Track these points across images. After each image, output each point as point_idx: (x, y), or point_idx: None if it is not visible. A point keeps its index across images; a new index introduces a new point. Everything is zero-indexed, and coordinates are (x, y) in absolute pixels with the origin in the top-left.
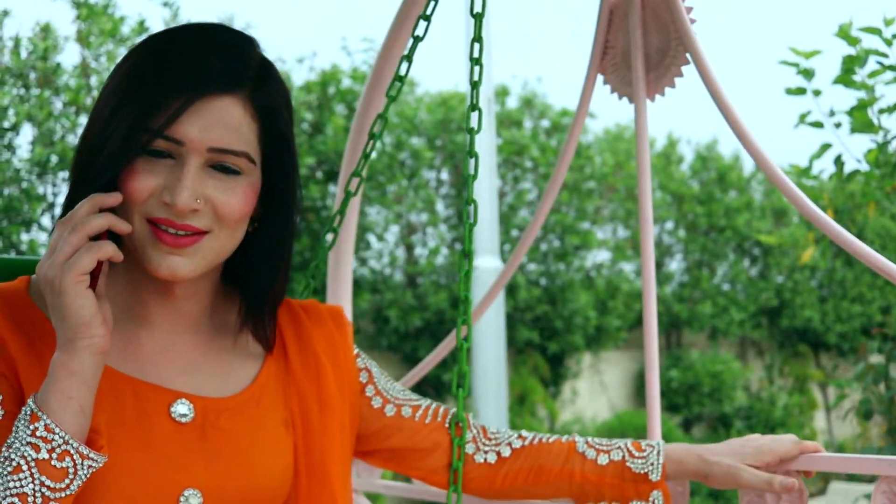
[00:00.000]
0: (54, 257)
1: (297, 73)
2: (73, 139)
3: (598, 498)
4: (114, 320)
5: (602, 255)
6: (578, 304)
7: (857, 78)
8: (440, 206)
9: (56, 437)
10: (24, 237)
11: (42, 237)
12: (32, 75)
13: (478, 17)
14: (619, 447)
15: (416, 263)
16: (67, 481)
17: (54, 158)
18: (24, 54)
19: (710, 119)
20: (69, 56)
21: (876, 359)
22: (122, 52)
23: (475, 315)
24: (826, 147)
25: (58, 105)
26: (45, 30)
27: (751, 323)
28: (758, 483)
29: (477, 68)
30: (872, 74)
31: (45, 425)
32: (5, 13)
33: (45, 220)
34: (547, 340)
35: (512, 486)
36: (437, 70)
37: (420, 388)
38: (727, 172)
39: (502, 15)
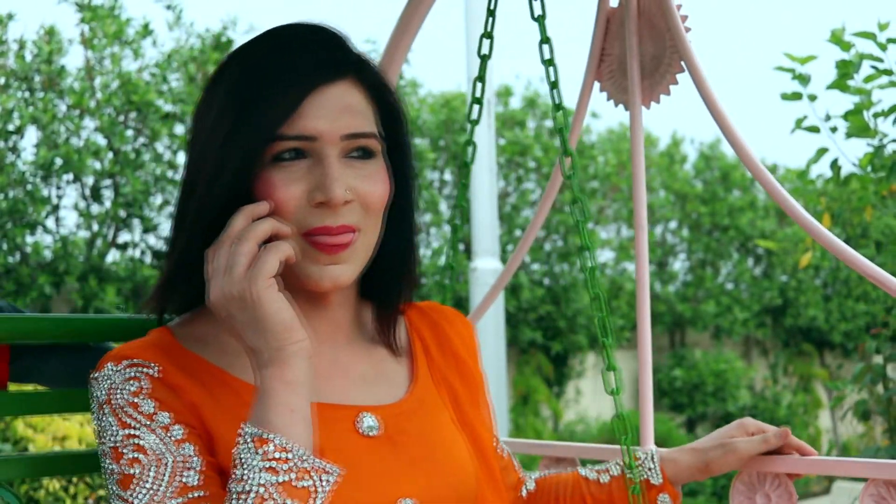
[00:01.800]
0: (231, 273)
1: None
2: (77, 141)
3: None
4: None
5: (605, 255)
6: (582, 303)
7: (852, 83)
8: (443, 207)
9: (292, 455)
10: (29, 239)
11: (47, 239)
12: (37, 78)
13: (540, 20)
14: (616, 463)
15: (419, 264)
16: (312, 502)
17: (59, 161)
18: (28, 57)
19: (729, 114)
20: (73, 59)
21: (876, 359)
22: (126, 53)
23: (475, 316)
24: (822, 151)
25: (62, 108)
26: (50, 33)
27: (755, 322)
28: (756, 446)
29: (552, 69)
30: (868, 79)
31: (277, 445)
32: (10, 16)
33: (50, 223)
34: (550, 340)
35: None
36: (439, 71)
37: None
38: (731, 172)
39: (504, 15)
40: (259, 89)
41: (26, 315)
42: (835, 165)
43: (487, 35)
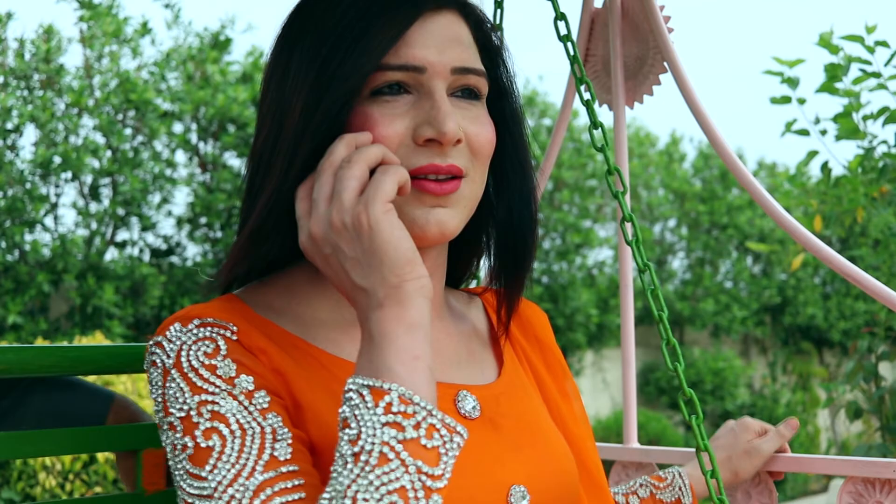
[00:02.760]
0: (341, 198)
1: None
2: (76, 140)
3: None
4: None
5: (604, 254)
6: (580, 301)
7: (840, 85)
8: None
9: (418, 407)
10: (28, 237)
11: (45, 238)
12: (36, 76)
13: (553, 1)
14: (643, 484)
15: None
16: (443, 465)
17: (57, 159)
18: (27, 56)
19: (712, 117)
20: (72, 57)
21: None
22: (125, 52)
23: None
24: (813, 154)
25: (61, 106)
26: (49, 31)
27: (753, 320)
28: (777, 443)
29: (570, 44)
30: (857, 81)
31: (401, 396)
32: (9, 15)
33: (48, 221)
34: None
35: None
36: None
37: None
38: (729, 170)
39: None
40: (359, 15)
41: (8, 346)
42: (825, 168)
43: (497, 27)
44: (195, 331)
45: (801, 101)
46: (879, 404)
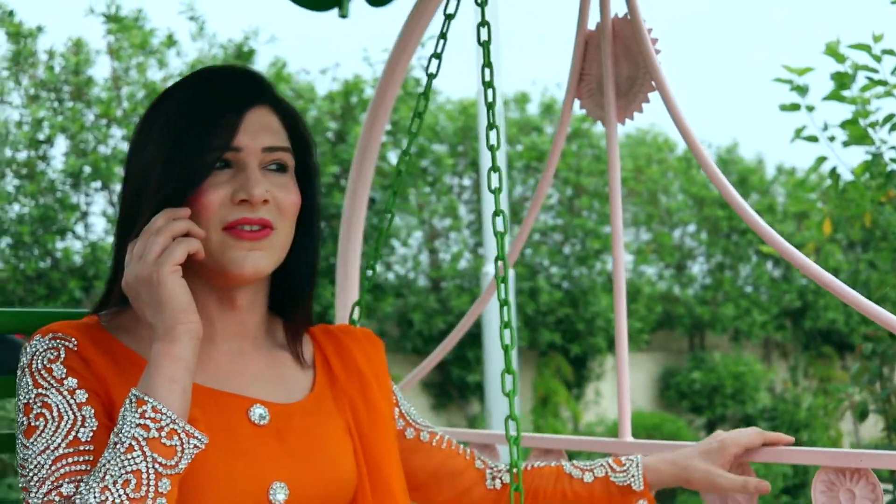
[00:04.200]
0: (145, 258)
1: (321, 83)
2: (105, 150)
3: None
4: None
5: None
6: (600, 306)
7: (848, 93)
8: (462, 211)
9: (164, 416)
10: (59, 245)
11: (76, 245)
12: (65, 88)
13: (485, 45)
14: (602, 465)
15: (439, 268)
16: (176, 458)
17: (87, 169)
18: (57, 68)
19: (731, 122)
20: (100, 69)
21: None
22: (152, 63)
23: (469, 318)
24: (822, 160)
25: (90, 117)
26: (78, 45)
27: (774, 324)
28: (734, 486)
29: (490, 90)
30: (864, 89)
31: (153, 407)
32: (39, 29)
33: (79, 229)
34: (569, 343)
35: None
36: (457, 78)
37: (444, 390)
38: (749, 175)
39: (520, 20)
40: (201, 110)
41: None
42: (833, 174)
43: (437, 56)
44: (47, 342)
45: (810, 109)
46: (885, 405)
